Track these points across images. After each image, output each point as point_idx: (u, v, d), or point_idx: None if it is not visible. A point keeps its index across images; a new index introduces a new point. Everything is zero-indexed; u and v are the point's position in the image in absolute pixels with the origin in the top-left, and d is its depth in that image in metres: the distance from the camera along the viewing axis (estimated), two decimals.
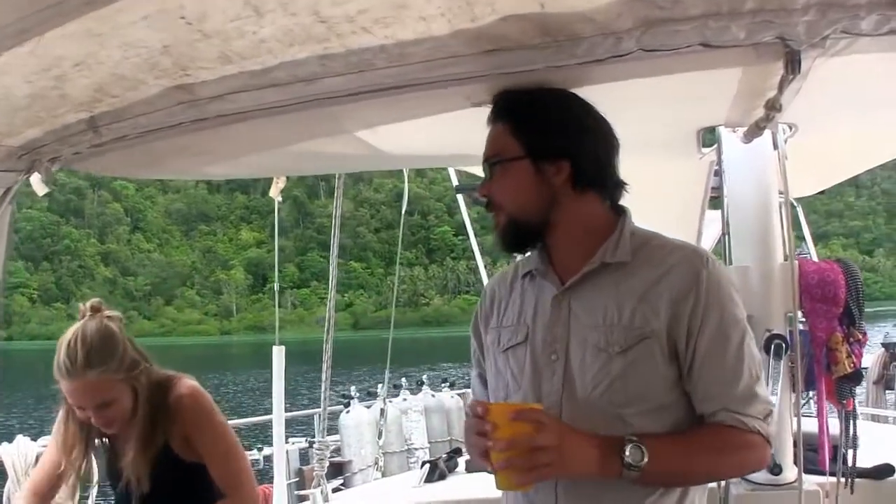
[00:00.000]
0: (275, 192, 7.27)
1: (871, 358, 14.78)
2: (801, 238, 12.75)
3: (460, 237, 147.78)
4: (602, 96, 3.63)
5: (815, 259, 9.29)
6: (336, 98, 3.22)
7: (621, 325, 3.15)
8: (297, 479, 11.90)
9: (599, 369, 3.14)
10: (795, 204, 11.52)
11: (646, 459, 2.99)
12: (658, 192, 6.63)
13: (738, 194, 5.35)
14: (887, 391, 14.37)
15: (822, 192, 10.29)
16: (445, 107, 3.56)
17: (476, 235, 13.74)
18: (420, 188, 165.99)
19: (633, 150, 5.46)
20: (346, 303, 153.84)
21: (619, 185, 3.44)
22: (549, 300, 3.31)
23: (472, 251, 14.04)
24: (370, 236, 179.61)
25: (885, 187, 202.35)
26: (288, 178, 7.90)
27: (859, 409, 11.95)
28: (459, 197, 12.92)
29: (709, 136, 5.35)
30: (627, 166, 6.15)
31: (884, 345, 14.91)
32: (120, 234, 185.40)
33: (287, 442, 11.70)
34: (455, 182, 12.19)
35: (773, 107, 3.52)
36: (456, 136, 4.52)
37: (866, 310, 5.13)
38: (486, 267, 13.90)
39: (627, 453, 2.99)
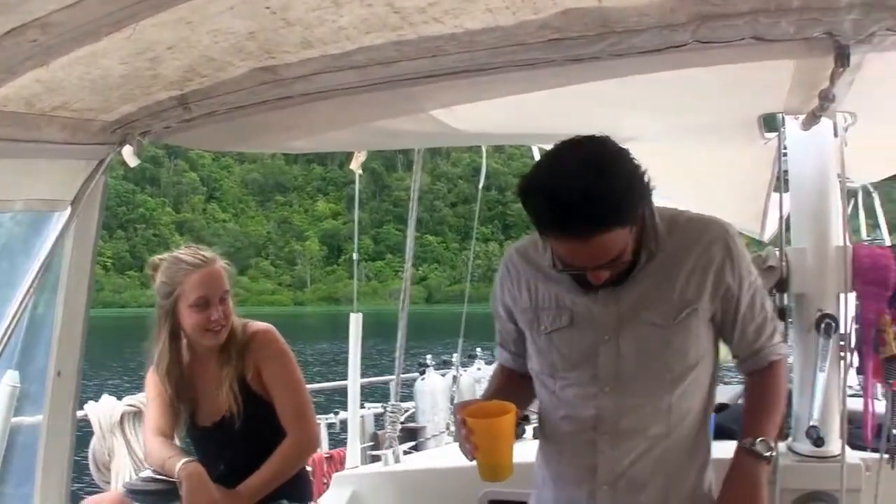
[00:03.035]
0: (355, 166, 7.34)
1: None
2: (875, 225, 12.64)
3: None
4: (663, 84, 3.83)
5: (889, 244, 9.30)
6: (411, 80, 3.43)
7: (672, 300, 3.51)
8: (372, 444, 12.01)
9: (655, 343, 3.53)
10: (872, 190, 11.66)
11: (772, 443, 3.62)
12: (723, 175, 6.77)
13: (799, 178, 5.43)
14: None
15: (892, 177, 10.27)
16: (514, 89, 3.77)
17: None
18: (497, 164, 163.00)
19: (696, 135, 5.64)
20: (421, 276, 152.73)
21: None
22: (593, 289, 3.54)
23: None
24: (446, 210, 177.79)
25: None
26: (368, 151, 7.97)
27: None
28: None
29: (771, 121, 5.48)
30: (692, 151, 6.30)
31: None
32: (195, 203, 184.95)
33: (363, 408, 11.87)
34: (537, 157, 12.10)
35: (826, 97, 3.67)
36: (529, 115, 4.72)
37: None
38: None
39: (763, 452, 3.60)
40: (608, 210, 3.13)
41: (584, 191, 3.07)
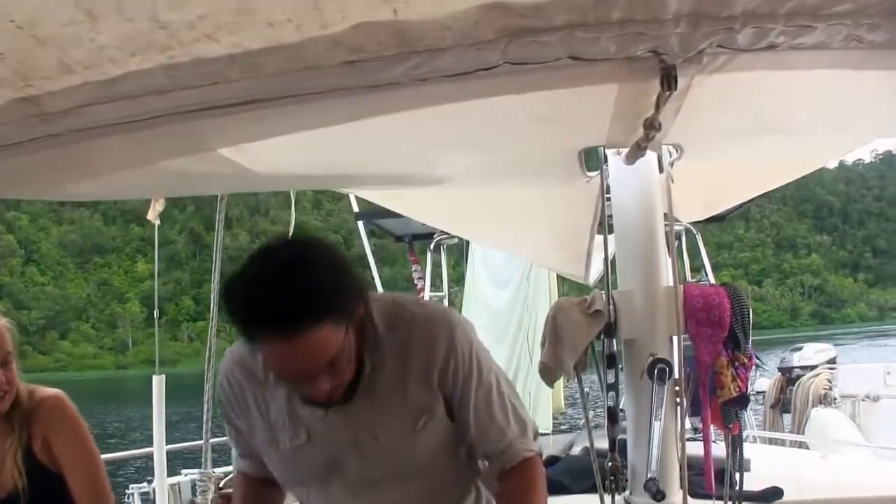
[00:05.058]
0: (152, 216, 6.91)
1: (767, 382, 15.01)
2: (697, 269, 12.77)
3: (357, 269, 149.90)
4: (475, 114, 3.54)
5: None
6: (192, 112, 3.04)
7: (407, 410, 3.42)
8: None
9: (400, 450, 3.48)
10: (694, 231, 11.71)
11: None
12: (543, 217, 6.57)
13: (623, 217, 5.29)
14: (784, 414, 14.54)
15: (715, 219, 10.32)
16: (307, 123, 3.43)
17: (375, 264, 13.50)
18: (317, 220, 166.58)
19: (512, 173, 5.42)
20: None
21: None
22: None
23: (369, 284, 13.81)
24: None
25: (773, 220, 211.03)
26: (184, 207, 7.64)
27: (757, 433, 12.04)
28: (360, 224, 12.61)
29: (593, 159, 5.30)
30: (508, 191, 6.09)
31: (780, 369, 15.14)
32: (13, 266, 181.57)
33: (180, 474, 11.51)
34: (356, 209, 12.04)
35: (651, 126, 3.48)
36: (331, 155, 4.39)
37: (755, 338, 5.11)
38: None
39: None
40: (309, 301, 2.92)
41: (283, 283, 2.91)
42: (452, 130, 4.05)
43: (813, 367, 14.55)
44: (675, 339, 5.02)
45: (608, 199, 5.33)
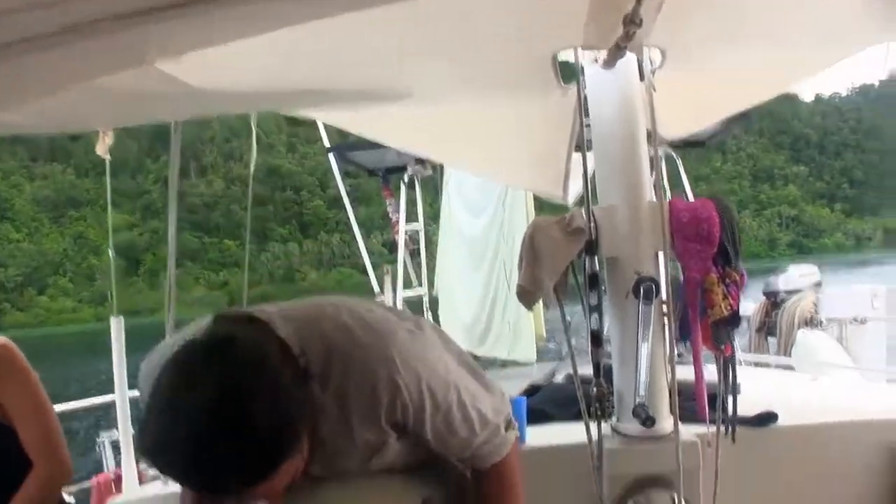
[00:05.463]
0: (101, 150, 6.53)
1: (752, 306, 14.91)
2: (678, 196, 12.63)
3: (333, 210, 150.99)
4: (434, 13, 3.34)
5: None
6: (118, 20, 2.70)
7: (357, 449, 3.30)
8: None
9: (351, 474, 3.42)
10: (675, 156, 11.62)
11: None
12: (520, 133, 6.31)
13: (602, 129, 5.04)
14: (769, 337, 14.46)
15: (694, 145, 10.14)
16: (247, 28, 3.06)
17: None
18: (291, 164, 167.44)
19: (483, 82, 5.14)
20: (222, 282, 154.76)
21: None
22: None
23: (345, 224, 13.76)
24: (242, 214, 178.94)
25: (750, 152, 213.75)
26: (157, 157, 7.28)
27: (743, 356, 11.94)
28: (332, 161, 12.43)
29: (569, 72, 5.00)
30: (483, 103, 5.82)
31: (765, 293, 15.03)
32: None
33: None
34: (327, 144, 11.96)
35: (632, 21, 3.25)
36: (282, 67, 4.11)
37: None
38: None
39: None
40: (266, 458, 2.61)
41: (231, 446, 2.50)
42: (411, 33, 3.76)
43: (798, 291, 14.47)
44: (661, 255, 4.80)
45: (587, 116, 5.08)
